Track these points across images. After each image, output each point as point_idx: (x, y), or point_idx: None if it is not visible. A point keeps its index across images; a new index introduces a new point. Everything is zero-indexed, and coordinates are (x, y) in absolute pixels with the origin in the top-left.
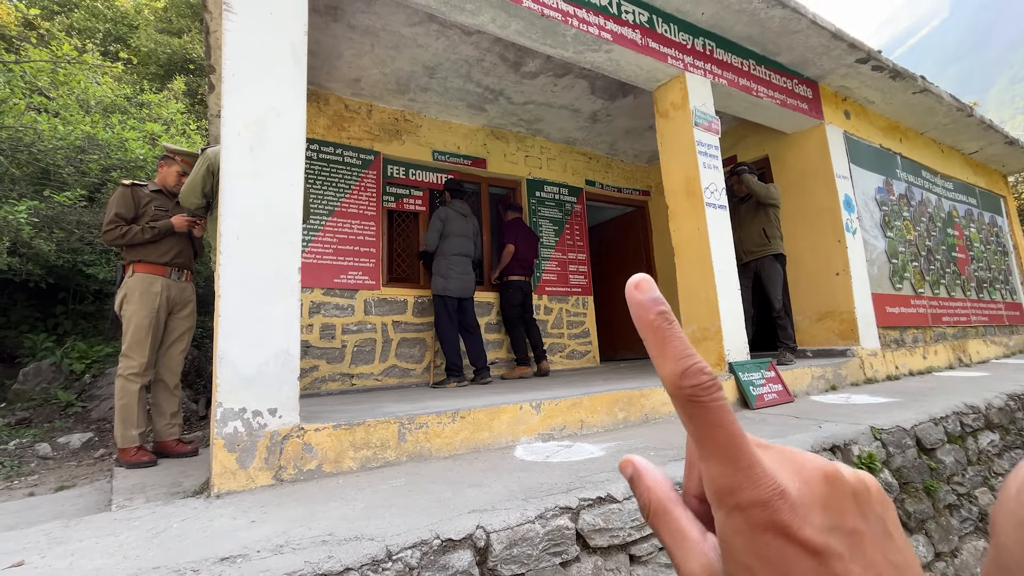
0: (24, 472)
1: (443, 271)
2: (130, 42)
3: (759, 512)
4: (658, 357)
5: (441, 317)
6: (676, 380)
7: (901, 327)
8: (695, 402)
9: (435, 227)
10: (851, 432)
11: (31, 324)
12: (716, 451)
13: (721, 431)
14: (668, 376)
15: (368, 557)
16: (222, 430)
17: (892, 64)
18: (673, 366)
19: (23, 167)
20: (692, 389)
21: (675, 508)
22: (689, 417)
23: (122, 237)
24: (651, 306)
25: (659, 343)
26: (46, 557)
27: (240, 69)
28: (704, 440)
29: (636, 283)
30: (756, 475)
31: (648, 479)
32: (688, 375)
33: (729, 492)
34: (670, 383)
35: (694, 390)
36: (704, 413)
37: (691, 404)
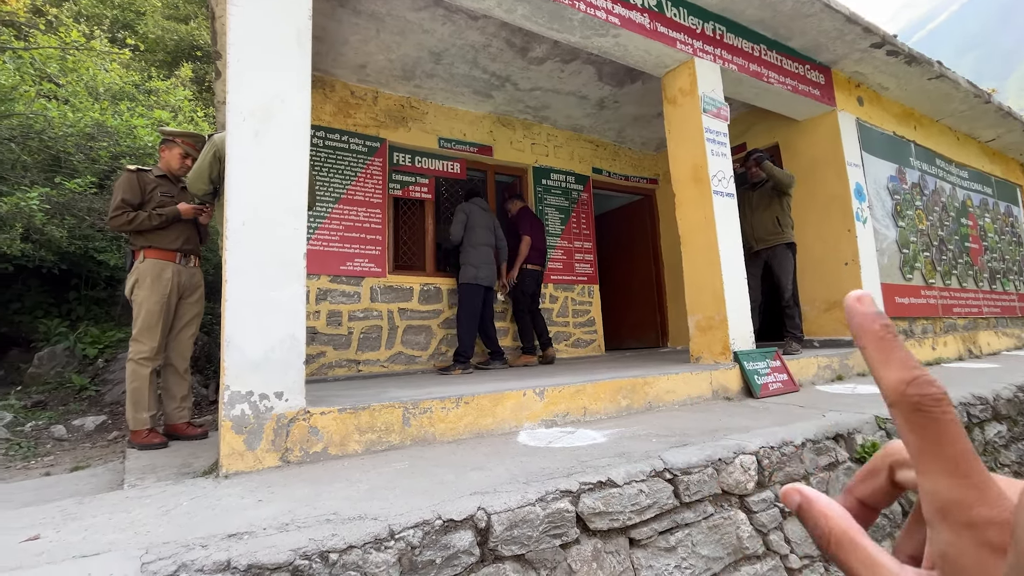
0: (40, 453)
1: (474, 261)
2: (137, 29)
3: (996, 532)
4: (882, 365)
5: (466, 305)
6: (903, 388)
7: (911, 318)
8: (923, 411)
9: (460, 219)
10: (855, 421)
11: (45, 309)
12: (945, 464)
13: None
14: (894, 384)
15: (371, 535)
16: (230, 412)
17: (908, 49)
18: (900, 374)
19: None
20: (921, 398)
21: (862, 537)
22: (914, 427)
23: (129, 223)
24: (876, 318)
25: (885, 351)
26: (61, 532)
27: (245, 55)
28: (930, 452)
29: (858, 297)
30: (993, 492)
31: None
32: (917, 384)
33: (960, 508)
34: (895, 391)
35: (923, 399)
36: (933, 424)
37: (918, 414)
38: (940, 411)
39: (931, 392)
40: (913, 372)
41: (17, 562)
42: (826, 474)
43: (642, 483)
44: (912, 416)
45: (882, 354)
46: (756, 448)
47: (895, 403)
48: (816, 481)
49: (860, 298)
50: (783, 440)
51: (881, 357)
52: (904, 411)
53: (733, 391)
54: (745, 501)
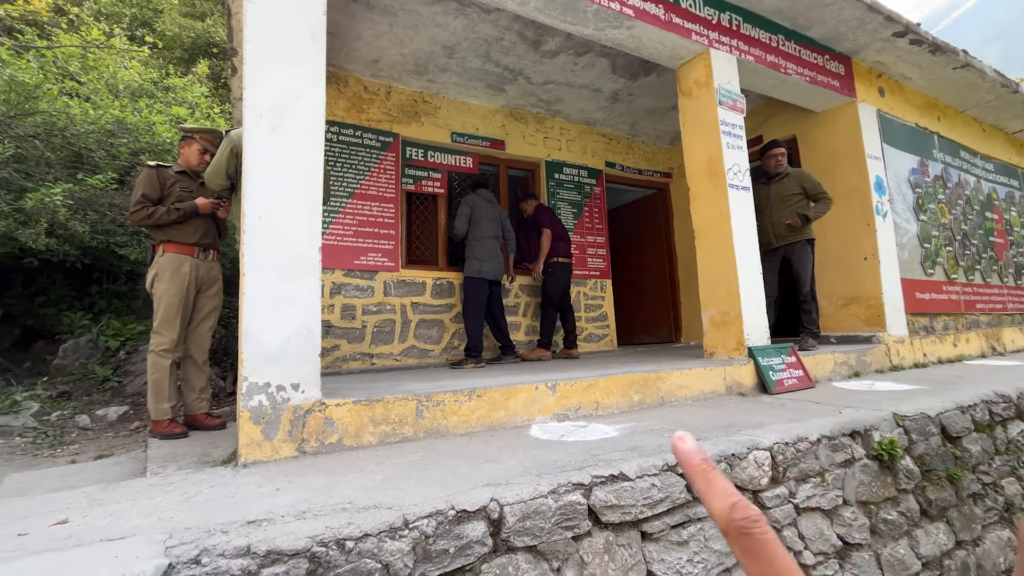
0: (66, 441)
1: (478, 254)
2: (155, 26)
3: None
4: (707, 494)
5: (472, 299)
6: (727, 514)
7: (931, 314)
8: (747, 534)
9: (463, 213)
10: (872, 418)
11: (68, 303)
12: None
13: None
14: (719, 511)
15: (386, 524)
16: (248, 403)
17: (932, 38)
18: (722, 501)
19: (57, 151)
20: (742, 521)
21: None
22: (744, 550)
23: (148, 218)
24: (696, 453)
25: (706, 483)
26: (88, 516)
27: (261, 52)
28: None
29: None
30: None
31: None
32: (738, 509)
33: None
34: (722, 518)
35: (744, 522)
36: (759, 546)
37: (744, 536)
38: (760, 531)
39: (749, 515)
40: (732, 498)
41: (46, 545)
42: (842, 471)
43: (654, 477)
44: (741, 540)
45: (706, 485)
46: (770, 444)
47: (725, 528)
48: (832, 477)
49: (682, 437)
50: (798, 436)
51: (705, 487)
52: (733, 535)
53: (747, 387)
54: (759, 496)
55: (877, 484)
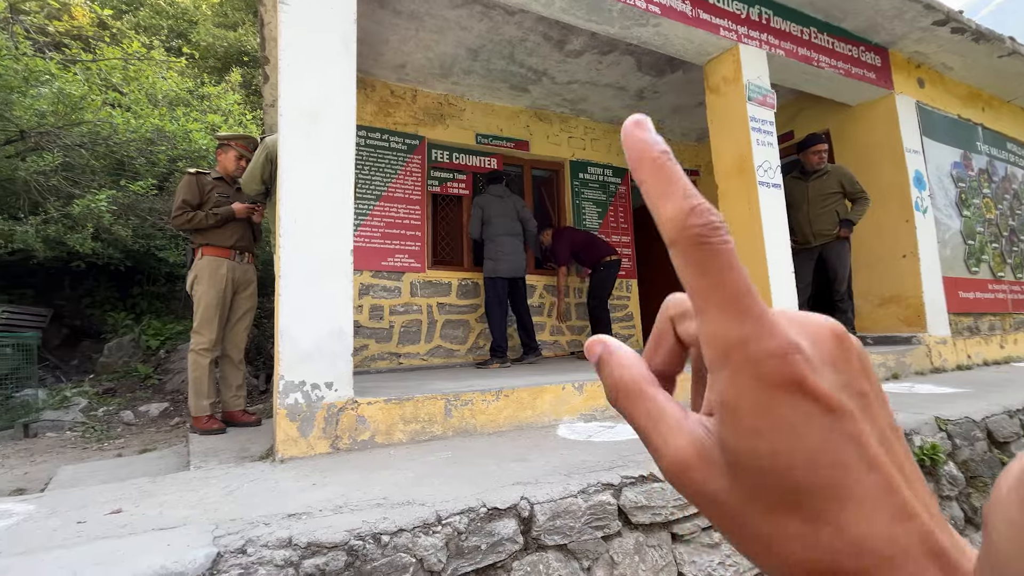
0: (112, 436)
1: (492, 254)
2: (191, 37)
3: (774, 365)
4: (660, 197)
5: (491, 299)
6: (683, 219)
7: (976, 313)
8: (703, 244)
9: (475, 215)
10: (912, 422)
11: (112, 304)
12: (724, 301)
13: (732, 276)
14: (673, 215)
15: (420, 520)
16: (284, 401)
17: (975, 25)
18: (680, 204)
19: (101, 159)
20: (701, 228)
21: (650, 387)
22: (692, 263)
23: (188, 222)
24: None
25: (663, 181)
26: (140, 507)
27: (295, 60)
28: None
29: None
30: (770, 326)
31: (621, 356)
32: (696, 213)
33: (739, 346)
34: (674, 223)
35: (703, 229)
36: (712, 257)
37: (698, 247)
38: (719, 240)
39: (710, 220)
40: (692, 200)
41: (104, 532)
42: None
43: None
44: (692, 251)
45: (661, 184)
46: None
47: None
48: None
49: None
50: None
51: (661, 187)
52: (684, 246)
53: None
54: None
55: None
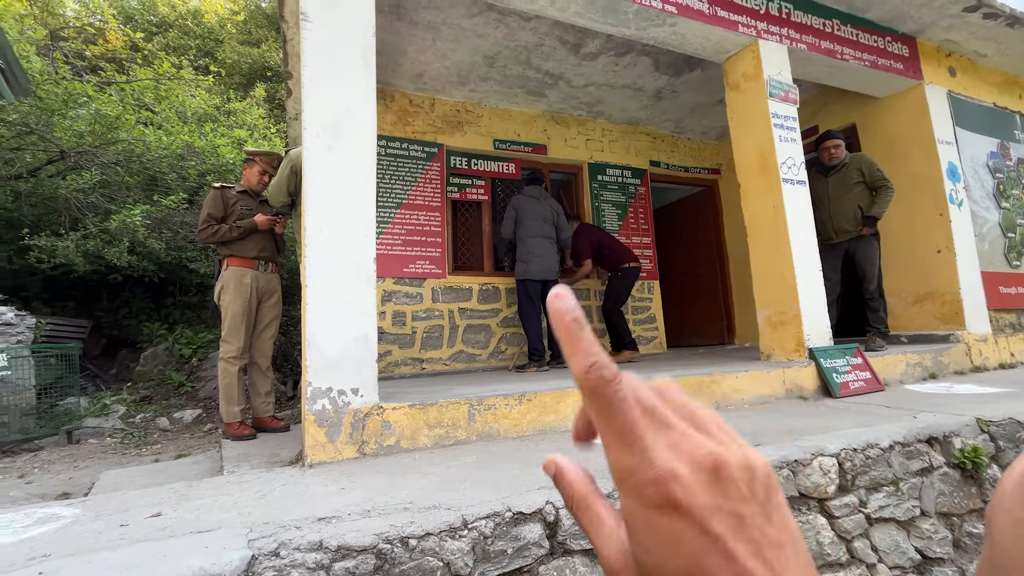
0: (149, 442)
1: (523, 256)
2: (217, 55)
3: (653, 490)
4: (571, 356)
5: (523, 302)
6: (584, 373)
7: (1018, 310)
8: (598, 393)
9: (509, 216)
10: (952, 423)
11: (147, 314)
12: (616, 437)
13: (619, 418)
14: (578, 370)
15: (446, 524)
16: (312, 407)
17: (1009, 9)
18: (583, 361)
19: (135, 175)
20: (596, 381)
21: (595, 500)
22: (594, 407)
23: (213, 235)
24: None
25: (572, 343)
26: (177, 510)
27: (317, 75)
28: (606, 428)
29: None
30: (650, 457)
31: (570, 476)
32: (594, 368)
33: (628, 474)
34: (579, 376)
35: (598, 382)
36: (606, 402)
37: (595, 395)
38: (611, 390)
39: (603, 375)
40: (591, 358)
41: (145, 535)
42: (918, 479)
43: None
44: (592, 398)
45: (571, 345)
46: (836, 450)
47: (581, 388)
48: (907, 486)
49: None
50: (867, 442)
51: (571, 348)
52: (587, 394)
53: (808, 390)
54: (825, 505)
55: (960, 494)
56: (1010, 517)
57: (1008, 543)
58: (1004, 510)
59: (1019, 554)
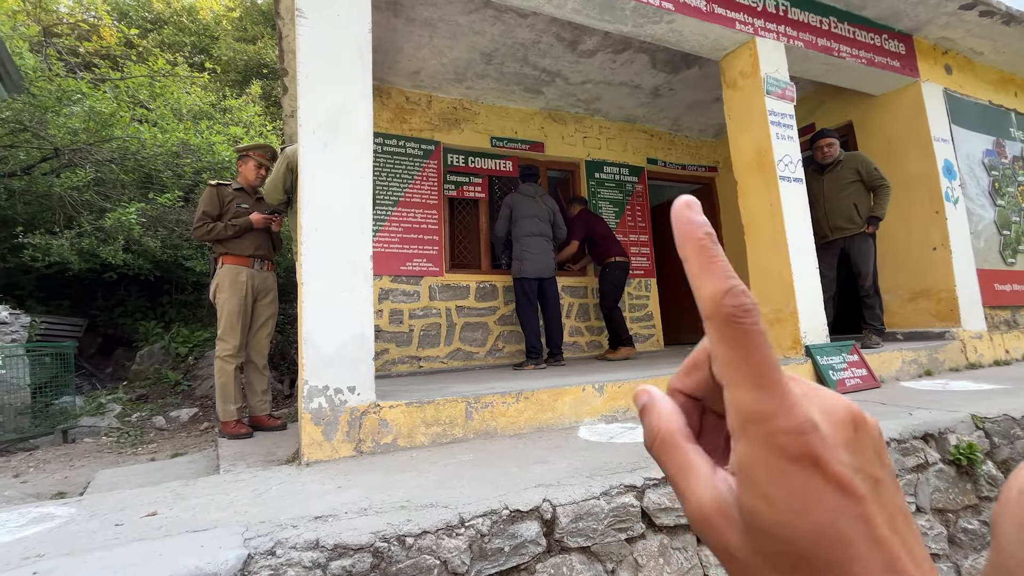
0: (145, 440)
1: (518, 254)
2: (212, 52)
3: (791, 441)
4: (701, 275)
5: (520, 300)
6: (719, 298)
7: (1014, 307)
8: (735, 323)
9: (503, 214)
10: (948, 420)
11: (143, 313)
12: (749, 376)
13: (757, 355)
14: (710, 295)
15: (443, 522)
16: (308, 405)
17: (1005, 7)
18: (717, 284)
19: (130, 173)
20: (733, 309)
21: (685, 441)
22: (724, 338)
23: (208, 233)
24: (701, 225)
25: (704, 261)
26: (173, 509)
27: (313, 71)
28: (737, 364)
29: (687, 202)
30: (790, 403)
31: (661, 408)
32: (732, 295)
33: (760, 419)
34: (711, 302)
35: (735, 310)
36: (742, 335)
37: (729, 325)
38: (750, 322)
39: (743, 303)
40: (729, 282)
41: (141, 534)
42: (914, 476)
43: None
44: (724, 328)
45: (702, 264)
46: None
47: (711, 315)
48: (904, 483)
49: (689, 204)
50: None
51: (701, 267)
52: (717, 323)
53: None
54: None
55: (955, 491)
56: (1015, 520)
57: (1014, 547)
58: (1009, 514)
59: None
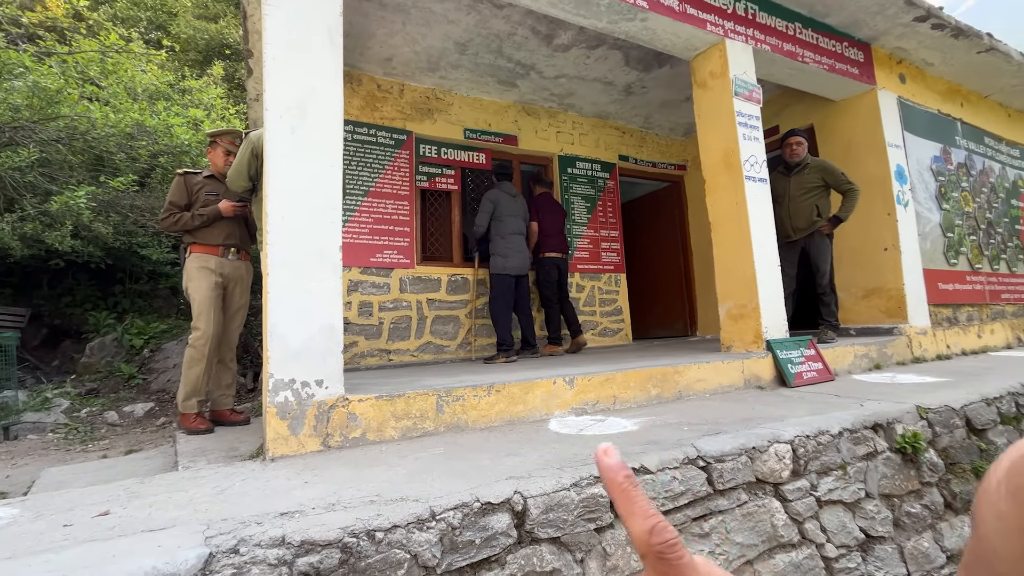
0: (96, 437)
1: (502, 251)
2: (170, 29)
3: None
4: (627, 515)
5: (499, 295)
6: (646, 537)
7: (955, 304)
8: (664, 559)
9: (486, 209)
10: (895, 411)
11: (93, 303)
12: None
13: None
14: (638, 533)
15: (413, 516)
16: (274, 399)
17: (954, 21)
18: (642, 523)
19: (79, 154)
20: (661, 546)
21: None
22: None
23: (175, 224)
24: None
25: (627, 502)
26: (127, 508)
27: (280, 53)
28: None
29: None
30: None
31: None
32: (656, 532)
33: None
34: (640, 540)
35: (663, 547)
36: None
37: (661, 561)
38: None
39: (667, 539)
40: (652, 520)
41: (92, 535)
42: (864, 463)
43: (675, 470)
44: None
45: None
46: (791, 437)
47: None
48: (854, 470)
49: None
50: (819, 429)
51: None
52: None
53: (766, 380)
54: (780, 489)
55: (900, 477)
56: (994, 510)
57: (992, 535)
58: (988, 503)
59: (1002, 545)
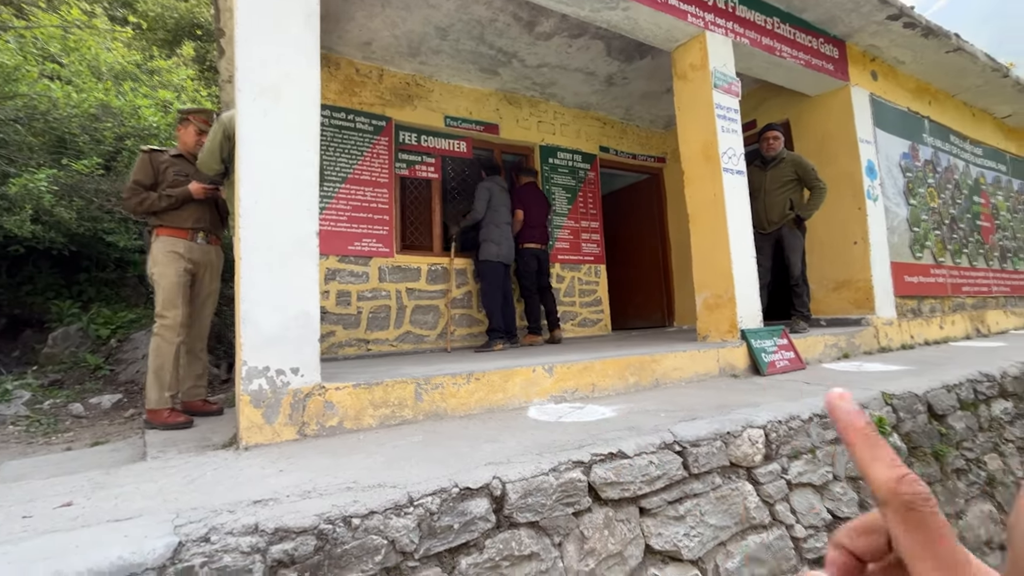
0: (60, 429)
1: (496, 238)
2: (137, 6)
3: None
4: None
5: (491, 282)
6: (893, 485)
7: (919, 296)
8: (915, 510)
9: (483, 197)
10: (862, 397)
11: (56, 291)
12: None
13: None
14: (884, 481)
15: (391, 502)
16: (248, 387)
17: (925, 21)
18: (887, 471)
19: (39, 135)
20: (912, 496)
21: None
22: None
23: (140, 205)
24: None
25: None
26: (92, 499)
27: (253, 34)
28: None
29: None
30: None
31: None
32: (907, 482)
33: None
34: (885, 488)
35: (914, 498)
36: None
37: (911, 513)
38: (929, 510)
39: (920, 491)
40: (901, 470)
41: (53, 526)
42: (832, 447)
43: (652, 455)
44: (905, 515)
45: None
46: (764, 422)
47: (887, 501)
48: (822, 454)
49: (843, 395)
50: (790, 415)
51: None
52: (897, 509)
53: (740, 369)
54: (753, 473)
55: None
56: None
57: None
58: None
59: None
